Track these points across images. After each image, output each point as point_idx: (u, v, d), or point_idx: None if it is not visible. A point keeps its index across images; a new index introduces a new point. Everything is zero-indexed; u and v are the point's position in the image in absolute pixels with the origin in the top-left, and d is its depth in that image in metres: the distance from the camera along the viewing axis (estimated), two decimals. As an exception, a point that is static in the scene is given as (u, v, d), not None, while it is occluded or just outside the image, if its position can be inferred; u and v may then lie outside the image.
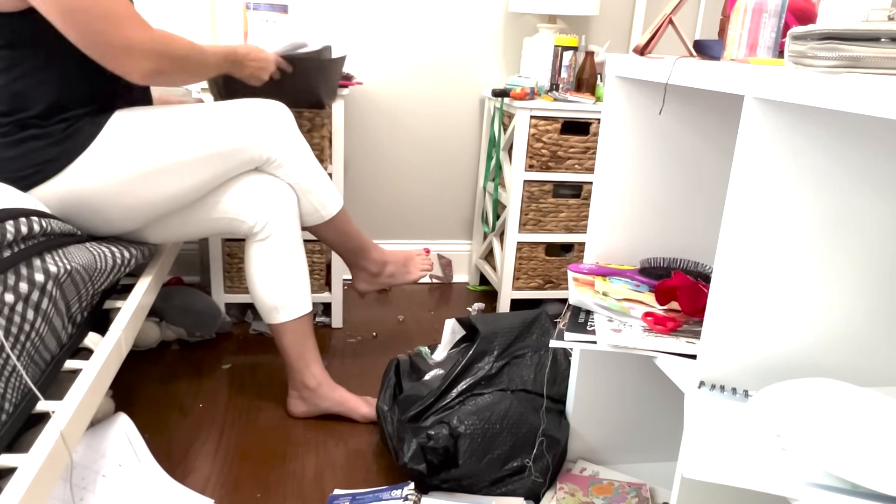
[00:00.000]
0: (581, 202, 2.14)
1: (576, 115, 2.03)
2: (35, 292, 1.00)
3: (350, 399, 1.56)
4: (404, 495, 1.25)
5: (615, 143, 1.27)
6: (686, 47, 1.17)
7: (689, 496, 0.93)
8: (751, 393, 0.94)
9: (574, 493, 1.29)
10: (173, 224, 1.45)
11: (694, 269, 1.27)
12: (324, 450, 1.46)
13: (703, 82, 0.95)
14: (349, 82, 1.87)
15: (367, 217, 2.44)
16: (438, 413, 1.34)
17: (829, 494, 0.72)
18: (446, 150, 2.41)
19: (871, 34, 0.70)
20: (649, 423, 1.41)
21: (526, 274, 2.18)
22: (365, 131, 2.34)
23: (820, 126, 0.86)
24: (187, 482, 1.32)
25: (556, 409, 1.41)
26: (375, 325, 2.11)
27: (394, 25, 2.25)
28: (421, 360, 1.53)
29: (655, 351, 1.06)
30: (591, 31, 2.40)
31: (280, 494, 1.32)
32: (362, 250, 1.67)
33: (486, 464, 1.28)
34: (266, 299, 1.48)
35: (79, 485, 1.15)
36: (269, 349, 1.89)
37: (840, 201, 0.90)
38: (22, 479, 0.83)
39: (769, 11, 1.04)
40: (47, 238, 1.09)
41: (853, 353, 0.98)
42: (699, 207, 1.33)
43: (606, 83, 1.26)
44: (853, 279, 0.94)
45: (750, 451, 0.80)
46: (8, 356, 0.93)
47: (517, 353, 1.43)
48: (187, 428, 1.51)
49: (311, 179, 1.50)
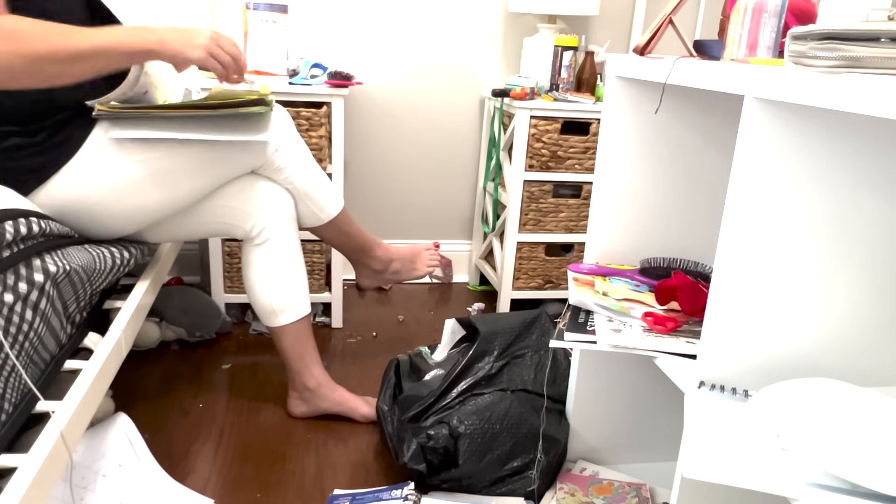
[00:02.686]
0: (581, 202, 2.14)
1: (576, 115, 2.03)
2: (34, 292, 1.00)
3: (350, 399, 1.56)
4: (404, 495, 1.25)
5: (615, 143, 1.27)
6: (686, 47, 1.17)
7: (689, 496, 0.93)
8: (751, 393, 0.94)
9: (574, 493, 1.29)
10: (171, 225, 1.44)
11: (694, 269, 1.27)
12: (324, 450, 1.46)
13: (703, 82, 0.95)
14: (349, 82, 1.87)
15: (366, 217, 2.44)
16: (438, 413, 1.34)
17: (829, 494, 0.72)
18: (446, 150, 2.41)
19: (871, 34, 0.70)
20: (649, 423, 1.41)
21: (526, 274, 2.18)
22: (365, 131, 2.34)
23: (820, 126, 0.86)
24: (187, 482, 1.32)
25: (556, 409, 1.41)
26: (375, 325, 2.11)
27: (394, 25, 2.25)
28: (421, 360, 1.53)
29: (655, 351, 1.06)
30: (591, 31, 2.40)
31: (280, 494, 1.32)
32: (365, 249, 1.67)
33: (486, 464, 1.28)
34: (264, 303, 1.48)
35: (79, 485, 1.15)
36: (269, 349, 1.89)
37: (840, 201, 0.90)
38: (22, 479, 0.82)
39: (769, 11, 1.04)
40: (46, 238, 1.09)
41: (853, 353, 0.98)
42: (699, 207, 1.33)
43: (606, 83, 1.26)
44: (853, 279, 0.94)
45: (750, 451, 0.80)
46: (7, 356, 0.93)
47: (517, 353, 1.43)
48: (187, 428, 1.51)
49: (310, 182, 1.49)
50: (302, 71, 1.90)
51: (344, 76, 1.87)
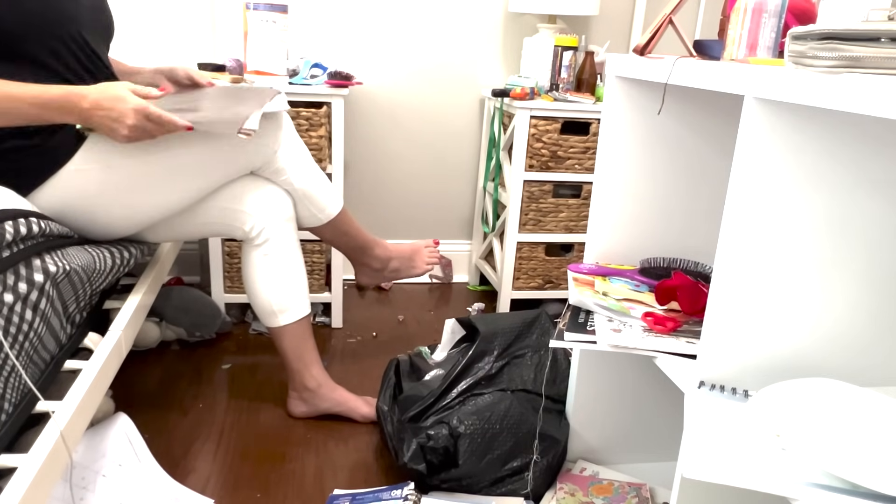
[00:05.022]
0: (581, 202, 2.14)
1: (576, 115, 2.03)
2: (34, 292, 1.00)
3: (350, 399, 1.56)
4: (404, 495, 1.25)
5: (615, 143, 1.27)
6: (686, 47, 1.17)
7: (689, 496, 0.93)
8: (751, 393, 0.94)
9: (574, 493, 1.29)
10: (171, 225, 1.44)
11: (694, 269, 1.27)
12: (324, 450, 1.46)
13: (703, 82, 0.95)
14: (349, 82, 1.87)
15: (366, 217, 2.43)
16: (438, 413, 1.34)
17: (829, 494, 0.72)
18: (446, 150, 2.41)
19: (871, 34, 0.70)
20: (649, 423, 1.41)
21: (526, 274, 2.18)
22: (365, 131, 2.34)
23: (820, 126, 0.86)
24: (187, 482, 1.32)
25: (556, 409, 1.41)
26: (375, 325, 2.11)
27: (394, 25, 2.25)
28: (421, 360, 1.53)
29: (655, 351, 1.06)
30: (591, 31, 2.40)
31: (280, 494, 1.32)
32: (364, 248, 1.67)
33: (486, 464, 1.28)
34: (264, 304, 1.48)
35: (79, 485, 1.15)
36: (269, 349, 1.89)
37: (840, 201, 0.90)
38: (22, 479, 0.83)
39: (769, 11, 1.04)
40: (46, 239, 1.09)
41: (853, 354, 0.98)
42: (699, 207, 1.33)
43: (606, 83, 1.26)
44: (853, 279, 0.94)
45: (750, 451, 0.80)
46: (7, 356, 0.93)
47: (517, 353, 1.43)
48: (187, 428, 1.51)
49: (309, 183, 1.49)
50: (302, 71, 1.90)
51: (344, 76, 1.87)
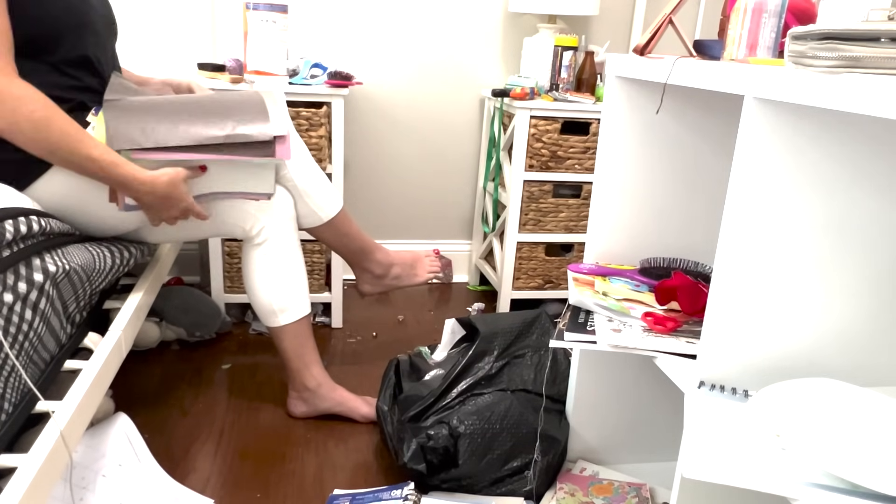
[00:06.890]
0: (581, 202, 2.14)
1: (576, 115, 2.03)
2: (34, 292, 1.00)
3: (350, 399, 1.56)
4: (404, 495, 1.25)
5: (615, 143, 1.27)
6: (686, 47, 1.17)
7: (689, 496, 0.93)
8: (751, 393, 0.94)
9: (574, 493, 1.29)
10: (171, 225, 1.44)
11: (694, 269, 1.27)
12: (324, 450, 1.46)
13: (702, 82, 0.95)
14: (349, 82, 1.87)
15: (366, 217, 2.44)
16: (438, 413, 1.34)
17: (829, 494, 0.72)
18: (446, 150, 2.41)
19: (871, 34, 0.70)
20: (649, 423, 1.41)
21: (526, 274, 2.18)
22: (365, 131, 2.34)
23: (820, 126, 0.86)
24: (187, 482, 1.32)
25: (556, 409, 1.41)
26: (375, 325, 2.11)
27: (394, 25, 2.25)
28: (421, 361, 1.53)
29: (655, 351, 1.06)
30: (591, 31, 2.40)
31: (280, 494, 1.32)
32: (365, 252, 1.66)
33: (485, 464, 1.28)
34: (264, 303, 1.48)
35: (79, 485, 1.15)
36: (269, 349, 1.89)
37: (840, 201, 0.90)
38: (22, 479, 0.83)
39: (769, 11, 1.04)
40: (46, 238, 1.09)
41: (853, 354, 0.98)
42: (699, 207, 1.33)
43: (606, 83, 1.26)
44: (853, 279, 0.94)
45: (750, 451, 0.80)
46: (7, 356, 0.93)
47: (517, 353, 1.43)
48: (187, 428, 1.51)
49: (309, 181, 1.49)
50: (302, 71, 1.90)
51: (344, 76, 1.87)
